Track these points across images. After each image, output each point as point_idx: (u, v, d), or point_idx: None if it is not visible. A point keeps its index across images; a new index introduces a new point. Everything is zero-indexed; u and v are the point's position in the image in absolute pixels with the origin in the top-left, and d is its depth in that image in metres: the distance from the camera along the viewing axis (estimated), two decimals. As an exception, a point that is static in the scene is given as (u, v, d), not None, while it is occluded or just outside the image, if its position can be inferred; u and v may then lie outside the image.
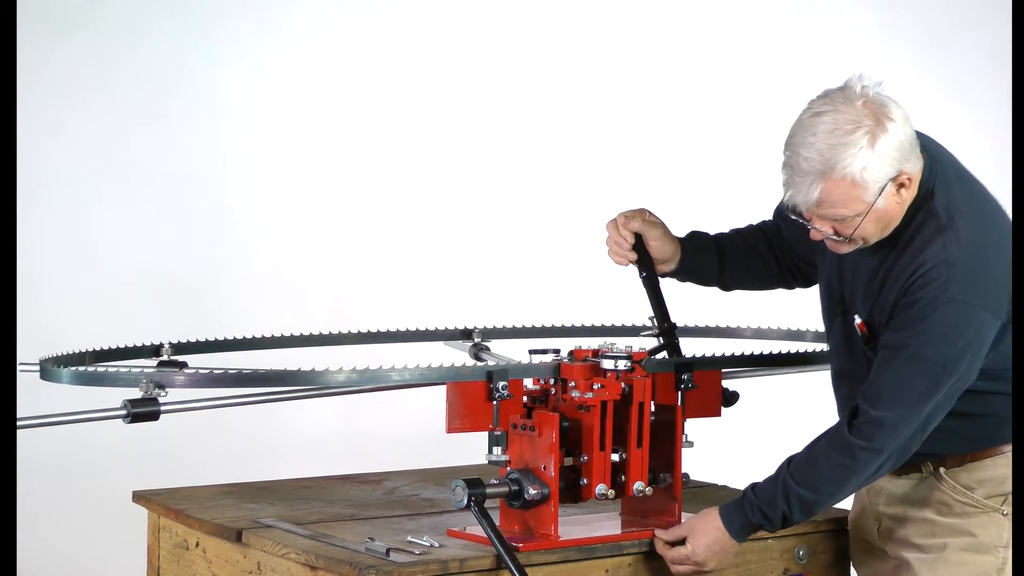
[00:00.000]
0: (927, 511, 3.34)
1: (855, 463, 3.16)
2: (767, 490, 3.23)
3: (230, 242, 5.91)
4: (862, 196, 3.10)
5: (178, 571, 3.63)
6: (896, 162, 3.11)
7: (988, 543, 3.29)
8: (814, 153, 3.08)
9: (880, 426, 3.13)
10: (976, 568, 3.29)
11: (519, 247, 6.24)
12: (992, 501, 3.30)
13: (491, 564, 3.15)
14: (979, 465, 3.30)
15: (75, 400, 3.36)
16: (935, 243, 3.15)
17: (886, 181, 3.11)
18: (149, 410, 3.16)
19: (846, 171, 3.07)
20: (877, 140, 3.08)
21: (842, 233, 3.16)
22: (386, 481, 3.99)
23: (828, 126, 3.08)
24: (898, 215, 3.18)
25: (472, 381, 3.24)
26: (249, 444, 5.68)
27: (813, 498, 3.19)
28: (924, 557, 3.32)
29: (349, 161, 6.06)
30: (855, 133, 3.07)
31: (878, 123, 3.09)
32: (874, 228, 3.17)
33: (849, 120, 3.08)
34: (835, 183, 3.09)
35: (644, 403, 3.33)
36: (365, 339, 4.12)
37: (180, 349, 3.83)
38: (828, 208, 3.13)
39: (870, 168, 3.08)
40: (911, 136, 3.15)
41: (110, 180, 5.76)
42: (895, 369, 3.14)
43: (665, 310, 3.52)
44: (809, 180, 3.09)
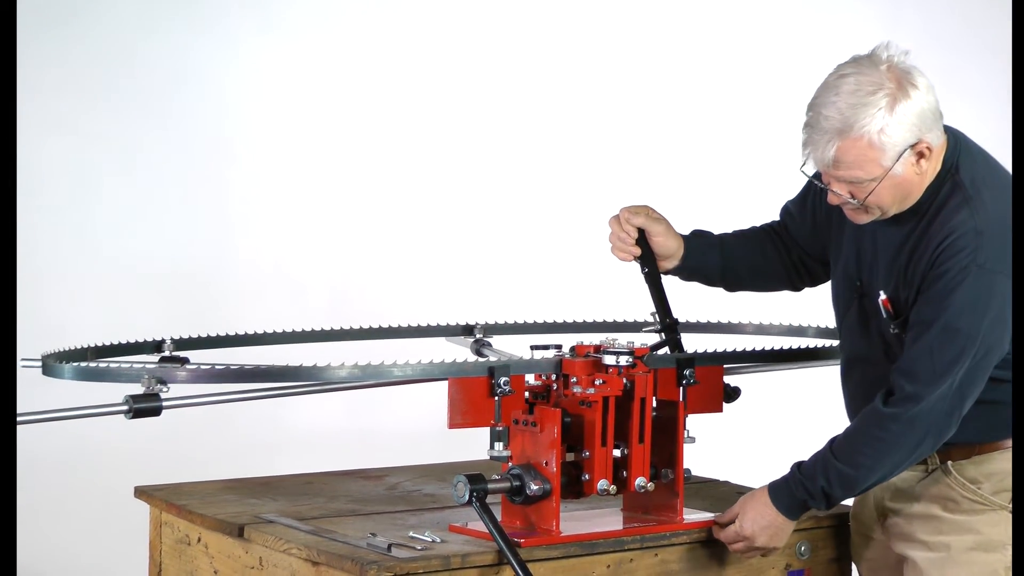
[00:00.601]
0: (934, 507, 3.34)
1: (888, 435, 3.16)
2: (810, 466, 3.26)
3: (232, 238, 5.91)
4: (879, 159, 3.12)
5: (180, 566, 3.63)
6: (916, 129, 3.13)
7: (996, 541, 3.29)
8: (834, 112, 3.11)
9: (913, 399, 3.14)
10: (985, 567, 3.29)
11: (521, 243, 6.23)
12: (999, 498, 3.29)
13: (493, 560, 3.15)
14: (987, 458, 3.30)
15: (77, 396, 3.36)
16: (962, 212, 3.16)
17: (904, 147, 3.13)
18: (151, 406, 3.16)
19: (864, 131, 3.10)
20: (897, 104, 3.11)
21: (857, 196, 3.17)
22: (388, 477, 3.99)
23: (850, 87, 3.12)
24: (918, 186, 3.20)
25: (474, 377, 3.24)
26: (251, 440, 5.69)
27: (851, 473, 3.20)
28: (931, 556, 3.32)
29: (351, 158, 6.06)
30: (876, 95, 3.10)
31: (900, 87, 3.12)
32: (891, 197, 3.18)
33: (871, 82, 3.11)
34: (852, 143, 3.11)
35: (646, 399, 3.33)
36: (367, 335, 4.12)
37: (182, 345, 3.83)
38: (845, 169, 3.14)
39: (888, 131, 3.10)
40: (934, 107, 3.17)
41: (112, 176, 5.76)
42: (927, 342, 3.15)
43: (667, 306, 3.52)
44: (827, 138, 3.12)
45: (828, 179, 3.19)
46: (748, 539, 3.32)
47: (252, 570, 3.37)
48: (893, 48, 3.17)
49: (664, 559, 3.36)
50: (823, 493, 3.24)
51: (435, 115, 6.17)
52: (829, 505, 3.28)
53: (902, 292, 3.25)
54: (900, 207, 3.22)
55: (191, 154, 5.84)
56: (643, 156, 6.36)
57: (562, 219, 6.22)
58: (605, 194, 5.84)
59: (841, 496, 3.27)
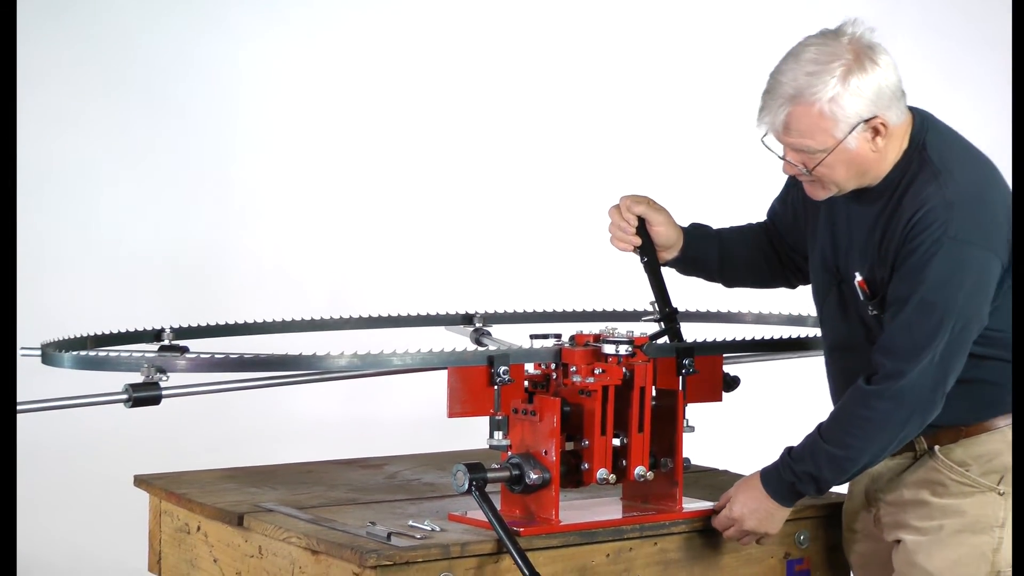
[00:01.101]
0: (923, 492, 3.33)
1: (874, 413, 3.16)
2: (800, 450, 3.26)
3: (232, 227, 5.92)
4: (830, 130, 3.14)
5: (180, 555, 3.63)
6: (871, 104, 3.14)
7: (985, 523, 3.28)
8: (789, 78, 3.14)
9: (895, 375, 3.14)
10: (973, 549, 3.28)
11: (520, 232, 6.24)
12: (987, 479, 3.29)
13: (492, 548, 3.15)
14: (974, 440, 3.29)
15: (76, 385, 3.36)
16: (931, 186, 3.16)
17: (857, 120, 3.14)
18: (150, 394, 3.16)
19: (815, 98, 3.12)
20: (851, 76, 3.12)
21: (808, 166, 3.19)
22: (387, 466, 3.99)
23: (810, 56, 3.15)
24: (875, 164, 3.20)
25: (473, 366, 3.24)
26: (250, 429, 5.69)
27: (840, 454, 3.20)
28: (920, 540, 3.31)
29: (351, 148, 6.07)
30: (830, 64, 3.12)
31: (857, 61, 3.13)
32: (845, 172, 3.19)
33: (830, 53, 3.14)
34: (804, 109, 3.13)
35: (645, 388, 3.33)
36: (366, 324, 4.12)
37: (181, 334, 3.83)
38: (797, 137, 3.16)
39: (839, 100, 3.12)
40: (895, 85, 3.18)
41: (112, 166, 5.77)
42: (904, 318, 3.15)
43: (666, 295, 3.52)
44: (779, 103, 3.15)
45: (784, 148, 3.21)
46: (737, 522, 3.32)
47: (252, 559, 3.37)
48: (860, 25, 3.19)
49: (663, 548, 3.36)
50: (811, 477, 3.23)
51: (435, 106, 6.17)
52: (819, 490, 3.27)
53: (877, 272, 3.25)
54: (858, 183, 3.23)
55: (191, 145, 5.84)
56: (643, 147, 6.36)
57: (562, 208, 6.22)
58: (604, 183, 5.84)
59: (831, 479, 3.25)
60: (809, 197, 3.31)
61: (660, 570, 3.36)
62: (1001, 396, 3.28)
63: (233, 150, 5.92)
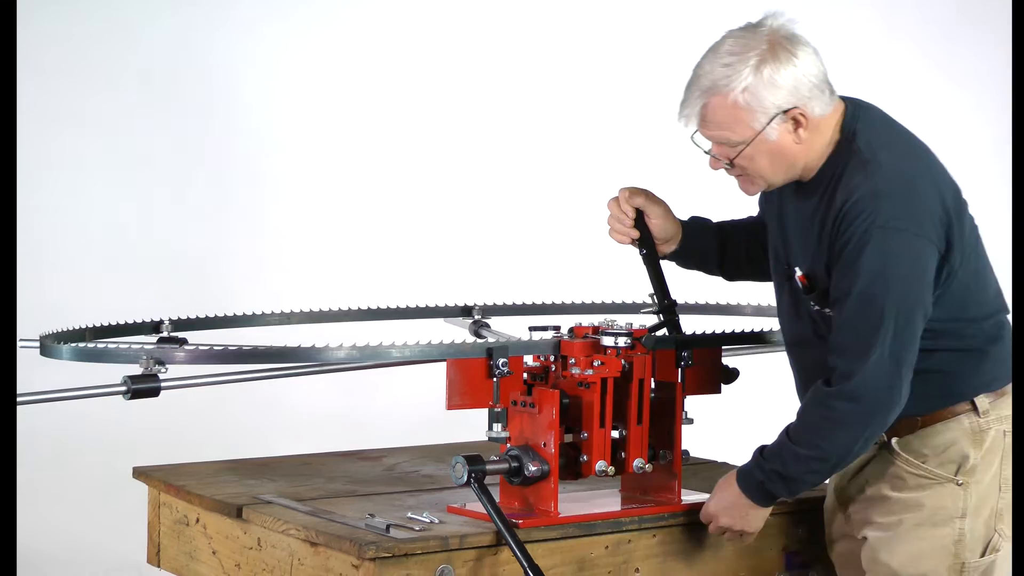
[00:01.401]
0: (883, 487, 3.30)
1: (834, 414, 3.13)
2: (770, 448, 3.24)
3: (230, 220, 5.92)
4: (748, 121, 3.14)
5: (178, 547, 3.63)
6: (790, 95, 3.14)
7: (944, 515, 3.25)
8: (706, 70, 3.16)
9: (847, 375, 3.11)
10: (934, 542, 3.25)
11: (519, 224, 6.24)
12: (944, 471, 3.25)
13: (491, 540, 3.15)
14: (931, 431, 3.26)
15: (75, 377, 3.36)
16: (857, 176, 3.14)
17: (775, 111, 3.14)
18: (149, 386, 3.16)
19: (728, 89, 3.13)
20: (765, 66, 3.12)
21: (732, 160, 3.19)
22: (386, 458, 3.99)
23: (726, 48, 3.16)
24: (801, 156, 3.19)
25: (472, 358, 3.24)
26: (249, 420, 5.69)
27: (806, 454, 3.16)
28: (881, 536, 3.28)
29: (349, 141, 6.06)
30: (745, 55, 3.13)
31: (772, 51, 3.13)
32: (769, 164, 3.19)
33: (746, 45, 3.14)
34: (720, 100, 3.14)
35: (644, 380, 3.33)
36: (365, 316, 4.12)
37: (180, 326, 3.83)
38: (715, 129, 3.18)
39: (753, 90, 3.12)
40: (816, 77, 3.17)
41: (110, 158, 5.77)
42: (848, 315, 3.12)
43: (665, 287, 3.51)
44: (696, 95, 3.17)
45: (712, 146, 3.22)
46: (713, 517, 3.31)
47: (250, 550, 3.37)
48: (781, 16, 3.20)
49: (662, 540, 3.36)
50: (780, 476, 3.20)
51: (434, 99, 6.16)
52: (790, 490, 3.25)
53: (816, 267, 3.23)
54: (787, 176, 3.22)
55: (191, 138, 5.84)
56: (641, 140, 6.35)
57: (561, 200, 6.22)
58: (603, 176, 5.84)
59: (798, 478, 3.21)
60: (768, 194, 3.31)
61: (659, 562, 3.36)
62: (954, 385, 3.26)
63: (233, 143, 5.92)
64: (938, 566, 3.25)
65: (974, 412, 3.26)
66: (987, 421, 3.26)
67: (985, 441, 3.26)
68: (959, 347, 3.24)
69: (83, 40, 5.71)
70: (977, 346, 3.25)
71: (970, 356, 3.25)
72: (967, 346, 3.25)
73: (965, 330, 3.24)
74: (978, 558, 3.26)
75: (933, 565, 3.26)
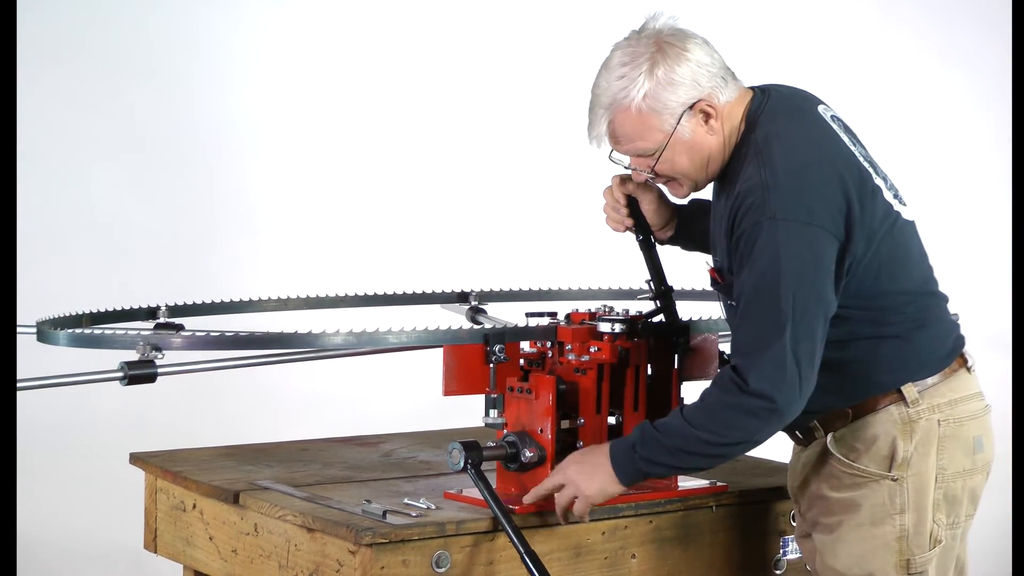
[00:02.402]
0: (823, 486, 3.25)
1: (741, 402, 3.02)
2: (661, 423, 3.12)
3: (227, 205, 5.91)
4: (657, 126, 3.13)
5: (175, 532, 3.64)
6: (690, 89, 3.12)
7: (882, 513, 3.19)
8: (603, 88, 3.14)
9: (749, 370, 3.02)
10: (875, 541, 3.19)
11: (516, 210, 6.24)
12: (877, 467, 3.19)
13: (487, 526, 3.16)
14: (861, 423, 3.19)
15: (72, 363, 3.36)
16: (750, 169, 3.10)
17: (681, 109, 3.12)
18: (146, 372, 3.16)
19: (628, 100, 3.11)
20: (657, 68, 3.11)
21: (654, 168, 3.17)
22: (383, 444, 4.00)
23: (616, 60, 3.15)
24: (717, 148, 3.17)
25: (469, 344, 3.25)
26: (246, 406, 5.70)
27: (700, 435, 3.04)
28: (825, 539, 3.24)
29: (346, 128, 6.06)
30: (635, 62, 3.12)
31: (661, 52, 3.11)
32: (689, 162, 3.17)
33: (634, 53, 3.13)
34: (623, 114, 3.13)
35: (640, 366, 3.34)
36: (362, 302, 4.12)
37: (177, 312, 3.83)
38: (627, 143, 3.16)
39: (653, 94, 3.11)
40: (712, 65, 3.15)
41: (108, 143, 5.76)
42: (744, 310, 3.07)
43: (662, 273, 3.51)
44: (600, 114, 3.15)
45: (629, 159, 3.20)
46: (562, 468, 3.17)
47: (247, 536, 3.37)
48: (660, 17, 3.17)
49: (658, 526, 3.37)
50: (664, 449, 3.07)
51: (430, 84, 6.16)
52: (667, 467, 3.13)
53: (727, 261, 3.19)
54: (709, 172, 3.19)
55: (188, 124, 5.84)
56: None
57: (557, 187, 6.22)
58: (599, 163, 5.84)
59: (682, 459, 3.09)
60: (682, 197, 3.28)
61: (655, 548, 3.37)
62: (873, 375, 3.18)
63: (230, 130, 5.92)
64: (884, 564, 3.19)
65: (902, 402, 3.18)
66: (917, 411, 3.18)
67: (916, 432, 3.18)
68: (878, 334, 3.17)
69: (81, 26, 5.71)
70: (899, 332, 3.17)
71: (891, 343, 3.17)
72: (887, 333, 3.17)
73: (882, 317, 3.16)
74: (925, 552, 3.20)
75: (879, 564, 3.20)
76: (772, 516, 3.51)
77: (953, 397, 3.21)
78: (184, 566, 3.64)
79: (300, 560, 3.21)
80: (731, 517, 3.46)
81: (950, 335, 3.25)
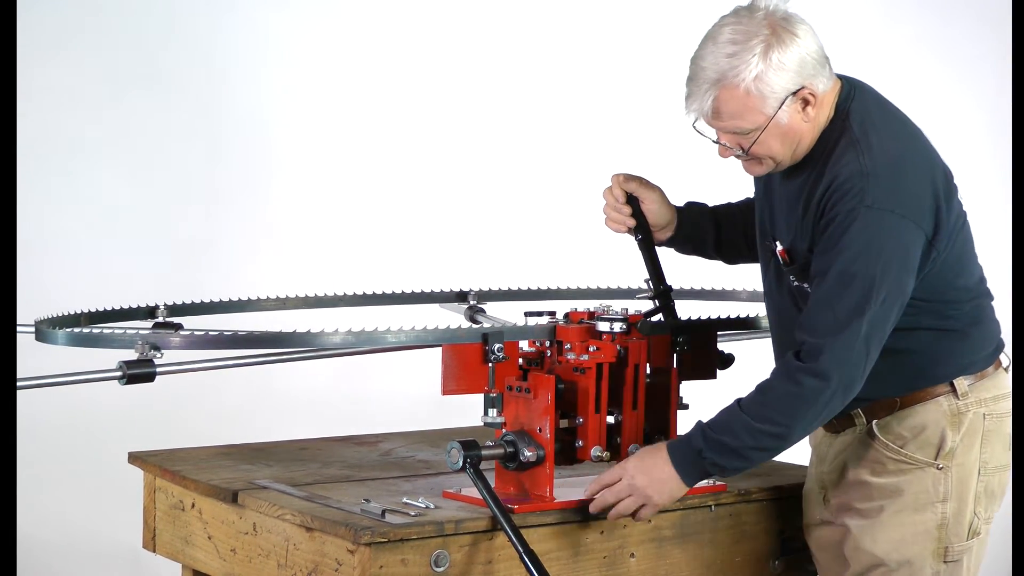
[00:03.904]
0: (863, 471, 3.30)
1: (802, 389, 3.09)
2: (717, 420, 3.17)
3: (226, 204, 5.91)
4: (760, 108, 3.13)
5: (174, 532, 3.64)
6: (797, 76, 3.13)
7: (925, 500, 3.25)
8: (710, 62, 3.12)
9: (821, 351, 3.08)
10: (915, 527, 3.26)
11: (515, 209, 6.23)
12: (923, 455, 3.25)
13: (486, 526, 3.16)
14: (909, 412, 3.26)
15: (70, 362, 3.36)
16: (848, 155, 3.13)
17: (785, 94, 3.13)
18: (145, 371, 3.16)
19: (739, 79, 3.10)
20: (772, 51, 3.10)
21: (744, 146, 3.18)
22: (382, 443, 3.99)
23: (727, 36, 3.13)
24: (808, 134, 3.19)
25: (468, 343, 3.25)
26: (245, 406, 5.69)
27: (760, 427, 3.10)
28: (863, 523, 3.28)
29: (345, 126, 6.05)
30: (749, 43, 3.11)
31: (775, 35, 3.11)
32: (780, 146, 3.18)
33: (747, 31, 3.12)
34: (730, 92, 3.12)
35: (639, 365, 3.34)
36: (361, 301, 4.12)
37: (175, 311, 3.83)
38: (728, 120, 3.15)
39: (764, 77, 3.10)
40: (817, 53, 3.16)
41: (107, 142, 5.75)
42: (825, 292, 3.11)
43: (661, 272, 3.51)
44: (704, 88, 3.13)
45: (717, 133, 3.20)
46: (627, 474, 3.19)
47: (246, 535, 3.37)
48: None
49: (657, 525, 3.37)
50: (726, 449, 3.12)
51: (429, 83, 6.15)
52: (731, 466, 3.16)
53: (799, 243, 3.22)
54: (794, 156, 3.21)
55: (187, 122, 5.83)
56: (636, 127, 6.34)
57: (556, 185, 6.21)
58: (599, 161, 5.84)
59: (746, 453, 3.13)
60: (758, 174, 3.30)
61: (654, 547, 3.36)
62: (930, 366, 3.25)
63: (229, 128, 5.91)
64: (922, 551, 3.26)
65: (953, 394, 3.26)
66: (966, 404, 3.26)
67: (964, 423, 3.26)
68: (940, 327, 3.23)
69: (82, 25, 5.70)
70: (958, 327, 3.25)
71: (950, 337, 3.25)
72: (948, 327, 3.24)
73: (946, 310, 3.23)
74: (963, 541, 3.27)
75: (917, 551, 3.26)
76: (770, 516, 3.51)
77: (996, 393, 3.31)
78: (183, 565, 3.64)
79: (299, 559, 3.21)
80: (730, 517, 3.46)
81: (997, 334, 3.34)
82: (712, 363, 3.52)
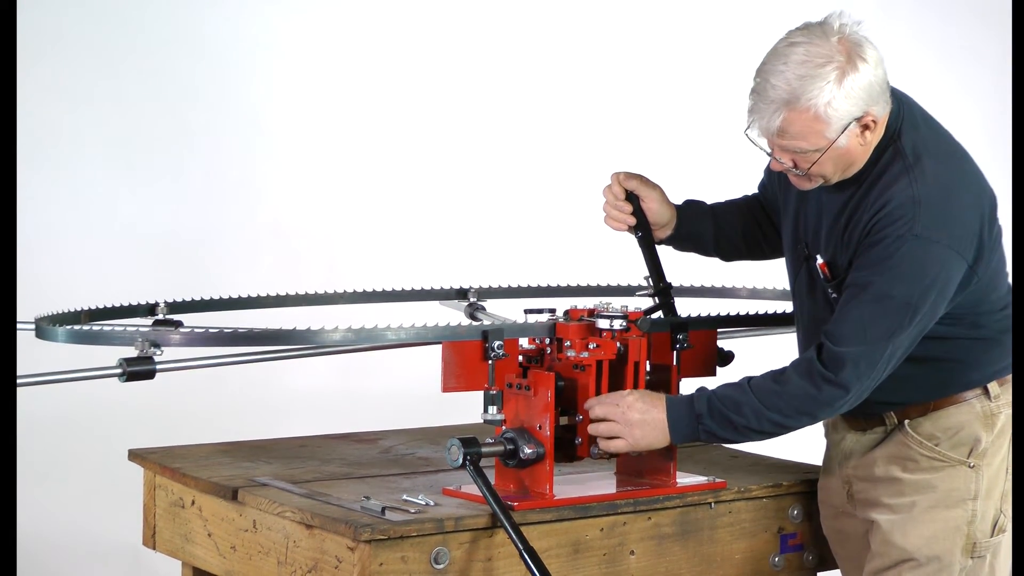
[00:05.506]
0: (894, 468, 3.33)
1: (820, 393, 3.14)
2: (727, 393, 3.20)
3: (226, 202, 5.91)
4: (824, 131, 3.11)
5: (174, 529, 3.64)
6: (863, 102, 3.12)
7: (956, 496, 3.29)
8: (782, 81, 3.10)
9: (844, 364, 3.12)
10: (946, 524, 3.29)
11: (515, 206, 6.23)
12: (956, 453, 3.29)
13: (486, 523, 3.16)
14: (943, 413, 3.30)
15: (71, 359, 3.36)
16: (901, 181, 3.15)
17: (850, 120, 3.12)
18: (145, 369, 3.16)
19: (811, 103, 3.08)
20: (846, 77, 3.09)
21: (800, 166, 3.17)
22: (382, 440, 3.99)
23: (800, 57, 3.10)
24: (861, 157, 3.19)
25: (468, 340, 3.25)
26: (245, 403, 5.69)
27: (769, 415, 3.15)
28: (894, 518, 3.31)
29: (345, 124, 6.05)
30: (825, 67, 3.08)
31: (849, 61, 3.10)
32: (833, 167, 3.18)
33: (821, 54, 3.09)
34: (798, 114, 3.10)
35: (639, 363, 3.34)
36: (361, 298, 4.12)
37: (175, 308, 3.82)
38: (790, 139, 3.14)
39: (835, 104, 3.09)
40: (882, 79, 3.15)
41: (106, 140, 5.76)
42: (860, 307, 3.13)
43: (661, 270, 3.52)
44: (773, 107, 3.11)
45: (772, 146, 3.18)
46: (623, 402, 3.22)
47: (246, 533, 3.37)
48: (846, 17, 3.15)
49: (657, 522, 3.37)
50: (727, 422, 3.17)
51: (429, 81, 6.15)
52: (720, 438, 3.21)
53: (840, 257, 3.24)
54: (842, 175, 3.21)
55: (186, 119, 5.83)
56: (636, 124, 6.35)
57: (556, 183, 6.22)
58: (598, 158, 5.84)
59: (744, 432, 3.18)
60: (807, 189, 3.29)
61: (654, 544, 3.37)
62: (965, 373, 3.29)
63: (229, 124, 5.91)
64: (952, 547, 3.29)
65: (985, 396, 3.30)
66: (998, 405, 3.30)
67: (996, 424, 3.30)
68: (974, 336, 3.28)
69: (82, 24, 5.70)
70: (990, 335, 3.29)
71: (983, 344, 3.29)
72: (981, 335, 3.29)
73: (980, 320, 3.27)
74: (989, 538, 3.30)
75: (947, 546, 3.29)
76: (770, 513, 3.51)
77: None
78: (183, 562, 3.64)
79: (299, 556, 3.21)
80: (729, 514, 3.46)
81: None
82: (712, 360, 3.52)
